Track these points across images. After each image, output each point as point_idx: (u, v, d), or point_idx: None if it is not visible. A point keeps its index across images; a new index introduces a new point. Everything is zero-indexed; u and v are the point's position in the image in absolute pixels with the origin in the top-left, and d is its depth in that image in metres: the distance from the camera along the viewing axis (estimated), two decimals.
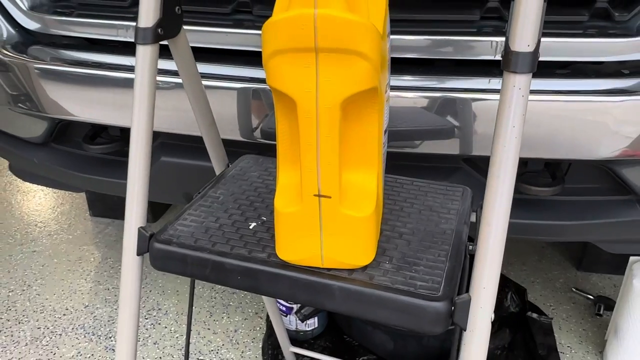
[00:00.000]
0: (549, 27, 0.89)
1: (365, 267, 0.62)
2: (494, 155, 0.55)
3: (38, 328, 1.63)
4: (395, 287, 0.59)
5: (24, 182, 2.53)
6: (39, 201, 2.37)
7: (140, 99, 0.68)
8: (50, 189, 2.47)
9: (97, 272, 1.89)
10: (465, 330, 0.57)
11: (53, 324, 1.64)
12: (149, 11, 0.66)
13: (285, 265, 0.63)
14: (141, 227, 0.69)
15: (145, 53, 0.67)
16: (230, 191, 0.79)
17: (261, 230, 0.70)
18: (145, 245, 0.69)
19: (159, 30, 0.67)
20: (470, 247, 0.68)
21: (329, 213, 0.58)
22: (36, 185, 2.50)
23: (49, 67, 1.07)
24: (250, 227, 0.70)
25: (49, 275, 1.87)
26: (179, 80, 0.99)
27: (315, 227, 0.59)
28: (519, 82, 0.53)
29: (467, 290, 0.58)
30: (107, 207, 2.20)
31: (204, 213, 0.74)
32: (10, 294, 1.78)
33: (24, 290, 1.80)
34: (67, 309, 1.71)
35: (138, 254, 0.70)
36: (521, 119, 0.54)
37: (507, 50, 0.53)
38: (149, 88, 0.68)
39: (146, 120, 0.68)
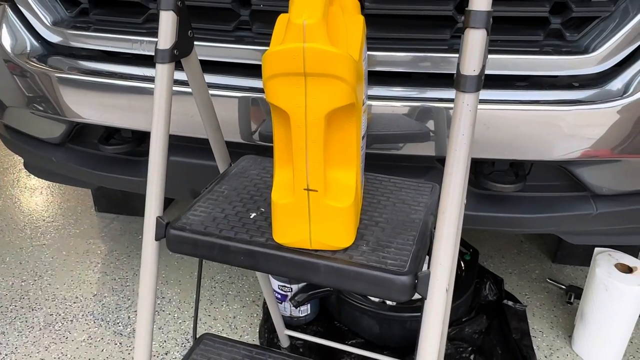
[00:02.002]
0: (510, 45, 1.03)
1: (346, 249, 0.75)
2: (448, 157, 0.68)
3: (50, 315, 1.75)
4: (370, 264, 0.72)
5: (30, 180, 2.65)
6: (46, 198, 2.49)
7: (159, 108, 0.81)
8: (55, 186, 2.59)
9: (104, 264, 2.01)
10: (425, 299, 0.70)
11: (64, 311, 1.77)
12: (166, 35, 0.79)
13: (280, 247, 0.76)
14: (159, 216, 0.82)
15: (163, 70, 0.80)
16: (233, 186, 0.92)
17: (260, 219, 0.83)
18: (162, 231, 0.82)
19: (175, 51, 0.80)
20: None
21: (316, 204, 0.71)
22: (42, 183, 2.62)
23: (69, 76, 1.20)
24: (251, 216, 0.83)
25: (58, 266, 2.00)
26: (187, 89, 1.11)
27: (304, 215, 0.72)
28: (467, 100, 0.66)
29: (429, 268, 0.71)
30: (112, 203, 2.33)
31: (211, 205, 0.87)
32: (22, 283, 1.90)
33: (35, 280, 1.92)
34: (77, 298, 1.83)
35: (156, 239, 0.83)
36: (469, 128, 0.67)
37: (458, 74, 0.66)
38: (166, 99, 0.81)
39: (164, 125, 0.81)
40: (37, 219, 2.31)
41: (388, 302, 1.53)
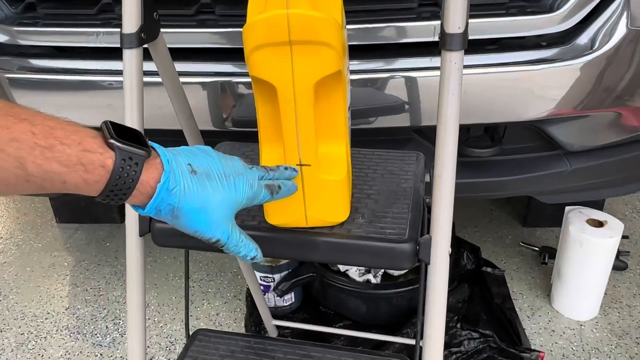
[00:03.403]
0: (478, 10, 1.03)
1: (342, 223, 0.73)
2: (439, 118, 0.67)
3: (22, 334, 1.66)
4: (370, 235, 0.71)
5: None
6: (0, 214, 2.35)
7: (131, 99, 0.76)
8: (9, 200, 2.45)
9: (73, 276, 1.93)
10: (429, 264, 0.69)
11: (36, 329, 1.68)
12: (131, 18, 0.74)
13: (275, 228, 0.73)
14: None
15: (131, 56, 0.75)
16: None
17: None
18: (146, 226, 0.78)
19: (142, 34, 0.75)
20: (428, 200, 0.80)
21: (310, 179, 0.69)
22: None
23: (21, 76, 1.12)
24: None
25: (23, 283, 1.89)
26: (152, 79, 1.06)
27: (298, 192, 0.70)
28: (454, 58, 0.65)
29: (428, 233, 0.71)
30: (74, 212, 2.22)
31: None
32: None
33: (0, 300, 1.82)
34: (48, 313, 1.74)
35: (141, 235, 0.79)
36: (459, 88, 0.66)
37: (442, 33, 0.65)
38: (138, 88, 0.76)
39: (138, 116, 0.77)
40: None
41: (372, 281, 1.53)
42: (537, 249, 1.90)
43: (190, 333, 1.06)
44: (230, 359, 0.86)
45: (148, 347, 1.59)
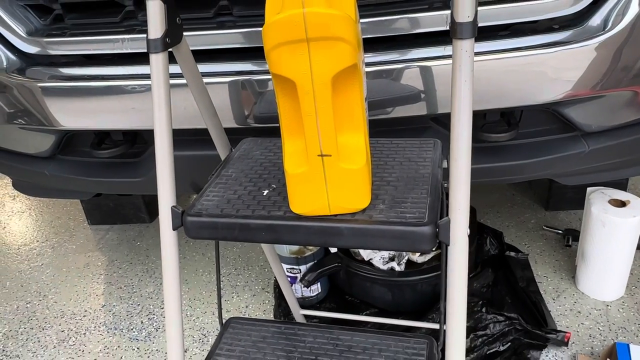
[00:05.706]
0: None
1: (364, 210, 0.77)
2: (453, 105, 0.70)
3: (62, 331, 1.74)
4: (390, 220, 0.74)
5: (15, 203, 2.60)
6: (35, 218, 2.45)
7: (159, 100, 0.80)
8: (43, 205, 2.55)
9: (107, 274, 2.00)
10: (448, 245, 0.72)
11: (75, 326, 1.76)
12: (156, 24, 0.79)
13: (300, 217, 0.77)
14: (173, 205, 0.83)
15: (157, 60, 0.79)
16: (239, 169, 0.93)
17: (274, 195, 0.84)
18: (179, 220, 0.82)
19: (167, 39, 0.80)
20: (445, 184, 0.83)
21: (331, 169, 0.72)
22: (28, 204, 2.58)
23: (53, 84, 1.18)
24: (264, 193, 0.84)
25: (61, 283, 1.98)
26: (176, 81, 1.11)
27: (321, 181, 0.73)
28: (465, 46, 0.67)
29: (447, 215, 0.73)
30: (105, 214, 2.30)
31: (222, 189, 0.87)
32: (28, 305, 1.88)
33: (40, 300, 1.90)
34: (86, 311, 1.82)
35: (174, 229, 0.83)
36: (471, 74, 0.69)
37: (452, 22, 0.67)
38: (165, 89, 0.81)
39: (166, 116, 0.81)
40: (31, 241, 2.27)
41: (396, 269, 1.56)
42: (560, 232, 1.90)
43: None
44: (262, 344, 0.90)
45: None
